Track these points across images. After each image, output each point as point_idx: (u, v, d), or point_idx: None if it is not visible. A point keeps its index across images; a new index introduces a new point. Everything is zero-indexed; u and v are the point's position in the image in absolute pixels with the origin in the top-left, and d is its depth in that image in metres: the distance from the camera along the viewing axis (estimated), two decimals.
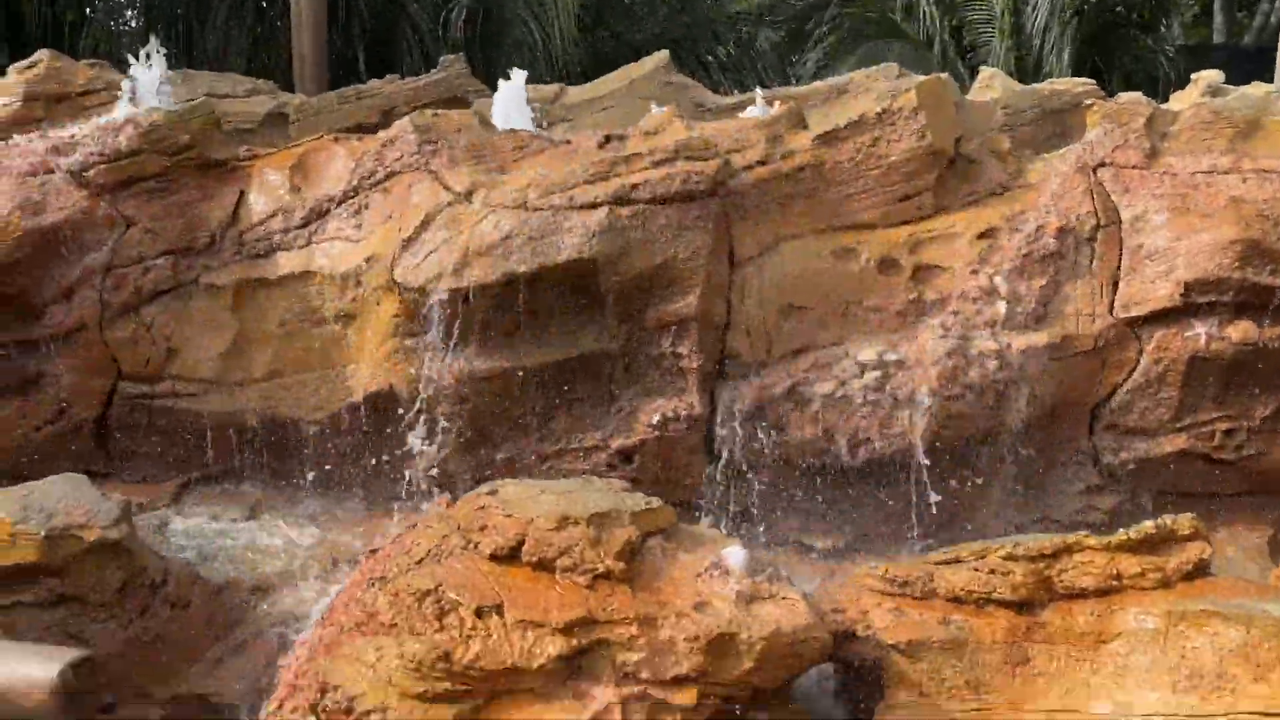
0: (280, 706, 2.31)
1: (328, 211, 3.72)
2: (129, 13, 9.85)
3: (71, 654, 0.78)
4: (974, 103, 4.42)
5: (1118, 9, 8.96)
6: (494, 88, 4.47)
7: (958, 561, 2.69)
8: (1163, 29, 10.29)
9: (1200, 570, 2.53)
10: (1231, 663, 2.29)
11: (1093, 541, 2.56)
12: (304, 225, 3.74)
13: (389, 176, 3.73)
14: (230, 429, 3.74)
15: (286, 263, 3.70)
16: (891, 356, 3.43)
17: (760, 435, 3.54)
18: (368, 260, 3.56)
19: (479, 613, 2.40)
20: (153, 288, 3.69)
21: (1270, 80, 6.85)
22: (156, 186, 3.74)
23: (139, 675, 2.90)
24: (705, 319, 3.49)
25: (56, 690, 0.80)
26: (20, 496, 2.91)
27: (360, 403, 3.65)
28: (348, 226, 3.70)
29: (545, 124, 4.70)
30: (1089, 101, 3.85)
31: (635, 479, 3.53)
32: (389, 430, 3.70)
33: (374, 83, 5.44)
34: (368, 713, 2.16)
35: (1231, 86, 5.27)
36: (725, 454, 3.58)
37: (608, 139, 3.78)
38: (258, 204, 3.80)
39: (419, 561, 2.57)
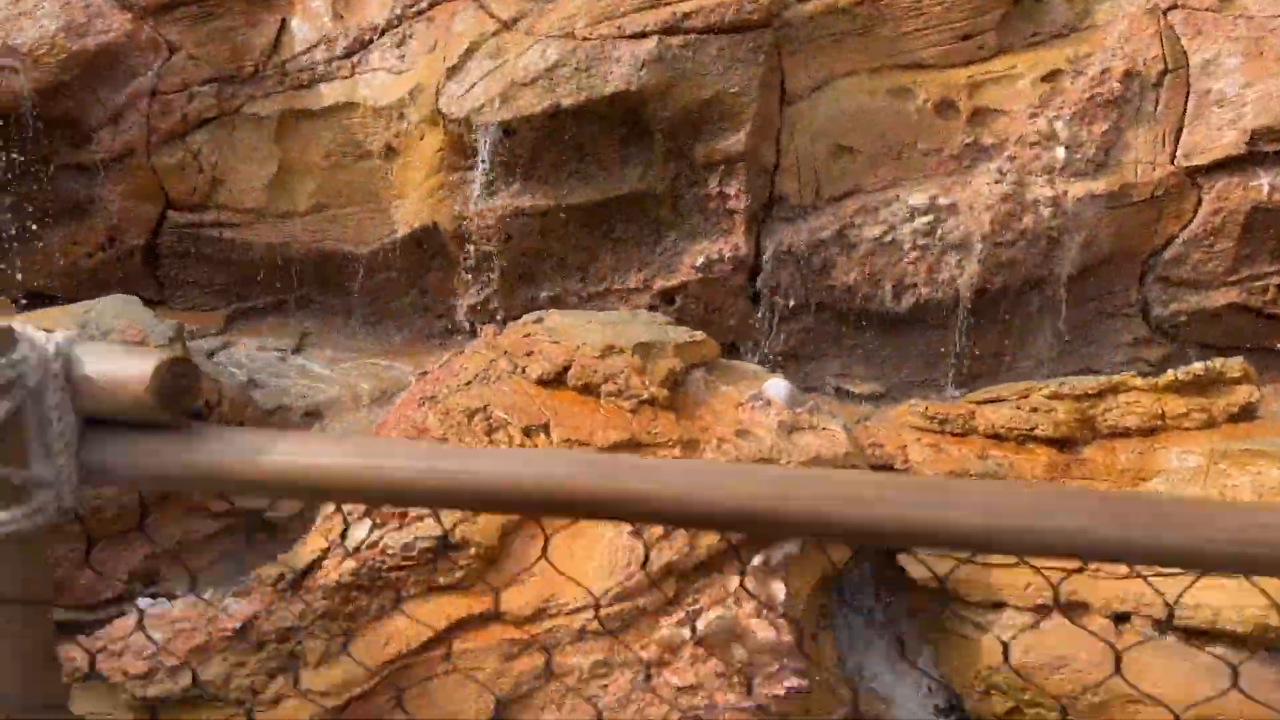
0: (335, 509, 2.39)
1: (371, 41, 3.65)
2: None
3: (167, 354, 0.81)
4: None
5: None
6: None
7: (999, 400, 2.70)
8: None
9: (1247, 413, 2.52)
10: (1272, 499, 2.31)
11: (1139, 382, 2.55)
12: (347, 55, 3.68)
13: (433, 5, 3.64)
14: (277, 261, 3.78)
15: (329, 94, 3.65)
16: (944, 201, 3.36)
17: (805, 279, 3.53)
18: (411, 92, 3.51)
19: (527, 431, 2.45)
20: (198, 115, 3.67)
21: None
22: (199, 11, 3.68)
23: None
24: (754, 158, 3.43)
25: (150, 386, 0.83)
26: (80, 314, 2.97)
27: (405, 238, 3.65)
28: (391, 57, 3.64)
29: None
30: None
31: (678, 320, 3.55)
32: (434, 266, 3.72)
33: None
34: (421, 517, 2.23)
35: None
36: (768, 297, 3.59)
37: None
38: (300, 32, 3.74)
39: (467, 384, 2.62)
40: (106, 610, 2.31)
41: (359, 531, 2.18)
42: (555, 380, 2.57)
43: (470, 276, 3.66)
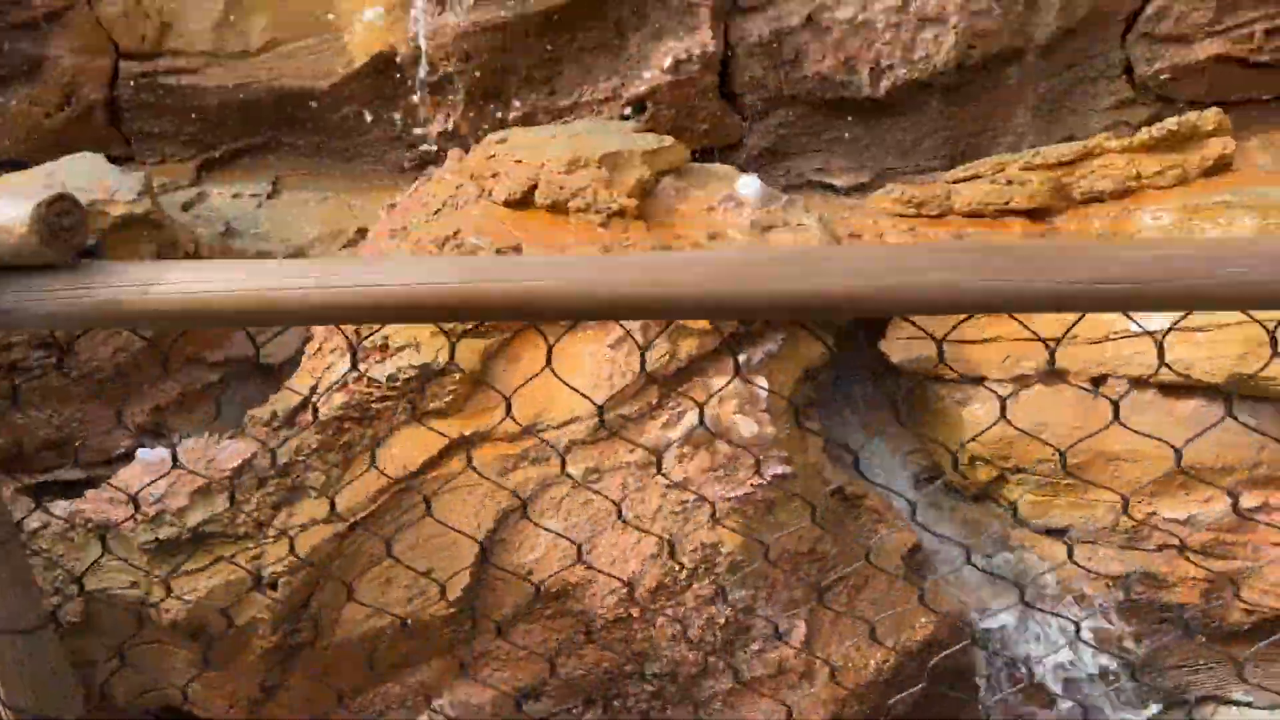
0: (319, 349, 2.43)
1: None
2: None
3: (48, 193, 0.82)
4: None
5: None
6: None
7: (976, 178, 2.66)
8: None
9: (1221, 166, 2.48)
10: None
11: (1113, 144, 2.50)
12: None
13: None
14: (239, 104, 3.69)
15: None
16: None
17: (778, 71, 3.43)
18: None
19: (499, 253, 2.45)
20: None
21: None
22: None
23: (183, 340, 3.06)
24: None
25: (31, 228, 0.84)
26: (43, 176, 2.95)
27: (363, 68, 3.55)
28: None
29: None
30: None
31: (650, 128, 3.48)
32: (398, 94, 3.63)
33: None
34: (401, 348, 2.27)
35: None
36: (742, 94, 3.50)
37: None
38: None
39: (436, 212, 2.60)
40: (114, 469, 2.40)
41: (342, 367, 2.23)
42: (523, 200, 2.55)
43: (435, 101, 3.57)
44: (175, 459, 1.90)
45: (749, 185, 2.60)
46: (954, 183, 2.67)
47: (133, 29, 3.55)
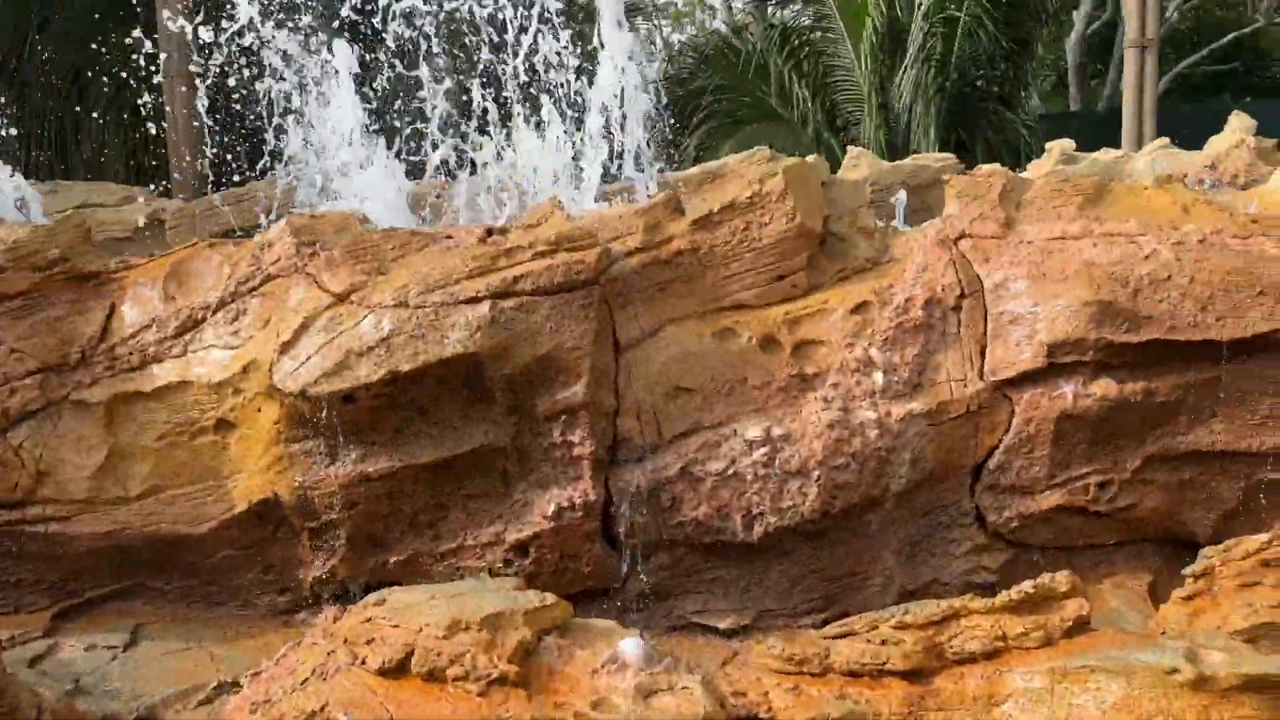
0: None
1: (203, 320, 3.65)
2: (1, 120, 9.60)
3: None
4: (842, 181, 4.61)
5: (978, 84, 9.49)
6: None
7: (852, 634, 2.72)
8: (1022, 99, 10.91)
9: (1080, 626, 2.60)
10: (1115, 716, 2.36)
11: (977, 605, 2.62)
12: (179, 335, 3.66)
13: (266, 281, 3.69)
14: (108, 550, 3.59)
15: (162, 374, 3.60)
16: (778, 432, 3.49)
17: (656, 518, 3.56)
18: (246, 367, 3.49)
19: None
20: (21, 408, 3.55)
21: (1118, 144, 7.33)
22: (23, 304, 3.63)
23: None
24: (594, 406, 3.51)
25: None
26: None
27: (244, 513, 3.54)
28: (225, 333, 3.64)
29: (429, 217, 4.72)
30: (946, 178, 4.04)
31: (533, 572, 3.51)
32: (276, 540, 3.60)
33: (253, 184, 5.39)
34: None
35: (1084, 154, 5.62)
36: (622, 539, 3.59)
37: (489, 232, 3.82)
38: (130, 315, 3.71)
39: (304, 681, 2.49)
40: None
41: None
42: (398, 668, 2.47)
43: (314, 545, 3.55)
44: None
45: (631, 648, 2.60)
46: (832, 638, 2.72)
47: (7, 478, 3.51)
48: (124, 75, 8.47)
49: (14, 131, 9.24)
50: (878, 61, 8.94)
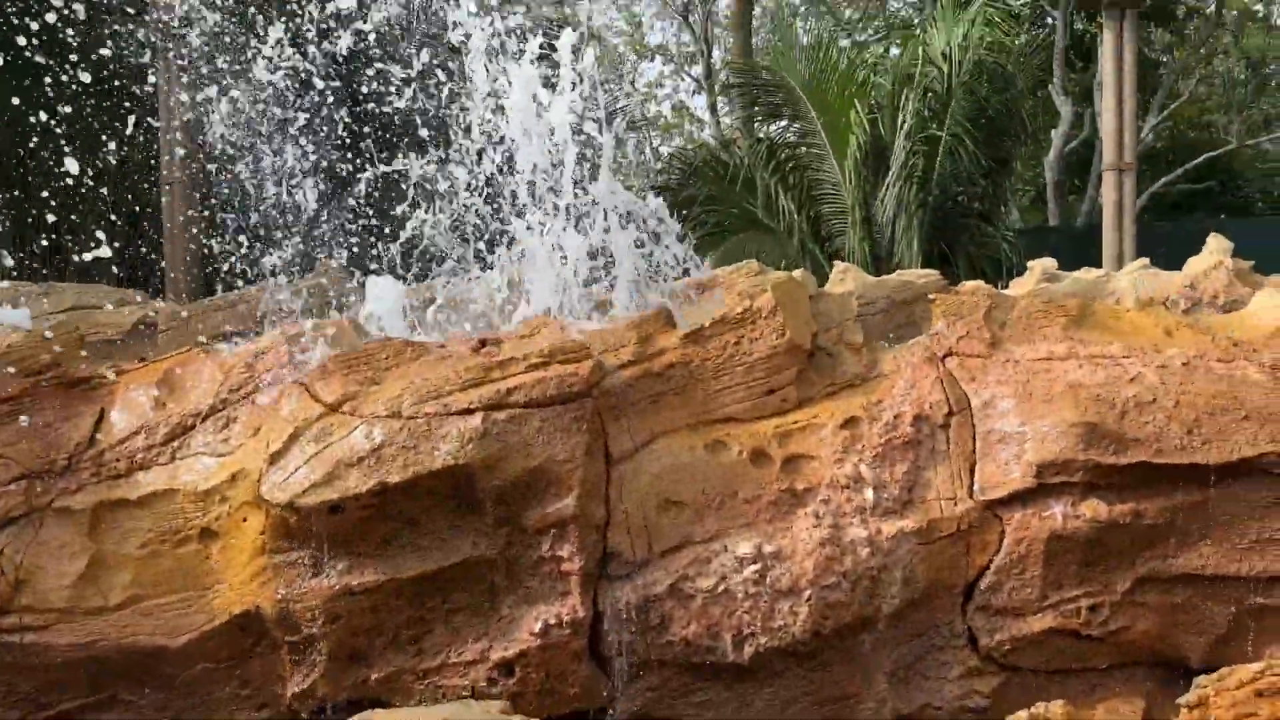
0: None
1: (193, 427, 3.64)
2: None
3: None
4: (829, 295, 4.69)
5: (959, 199, 9.74)
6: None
7: None
8: (1002, 214, 11.18)
9: None
10: None
11: None
12: (168, 441, 3.64)
13: (259, 389, 3.70)
14: (84, 661, 3.50)
15: (148, 481, 3.57)
16: (769, 549, 3.47)
17: (645, 635, 3.51)
18: (234, 476, 3.47)
19: None
20: (3, 515, 3.50)
21: (1099, 261, 7.50)
22: (12, 410, 3.62)
23: None
24: (585, 519, 3.49)
25: None
26: None
27: (225, 625, 3.48)
28: (214, 441, 3.63)
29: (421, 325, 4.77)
30: (932, 296, 4.11)
31: (518, 692, 3.44)
32: (256, 653, 3.52)
33: (247, 289, 5.43)
34: None
35: (1065, 273, 5.74)
36: (611, 656, 3.53)
37: (482, 343, 3.86)
38: (120, 422, 3.70)
39: None
40: None
41: None
42: None
43: (295, 662, 3.48)
44: None
45: None
46: None
47: None
48: (121, 177, 8.62)
49: (6, 226, 9.34)
50: (861, 177, 9.19)
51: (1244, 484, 3.50)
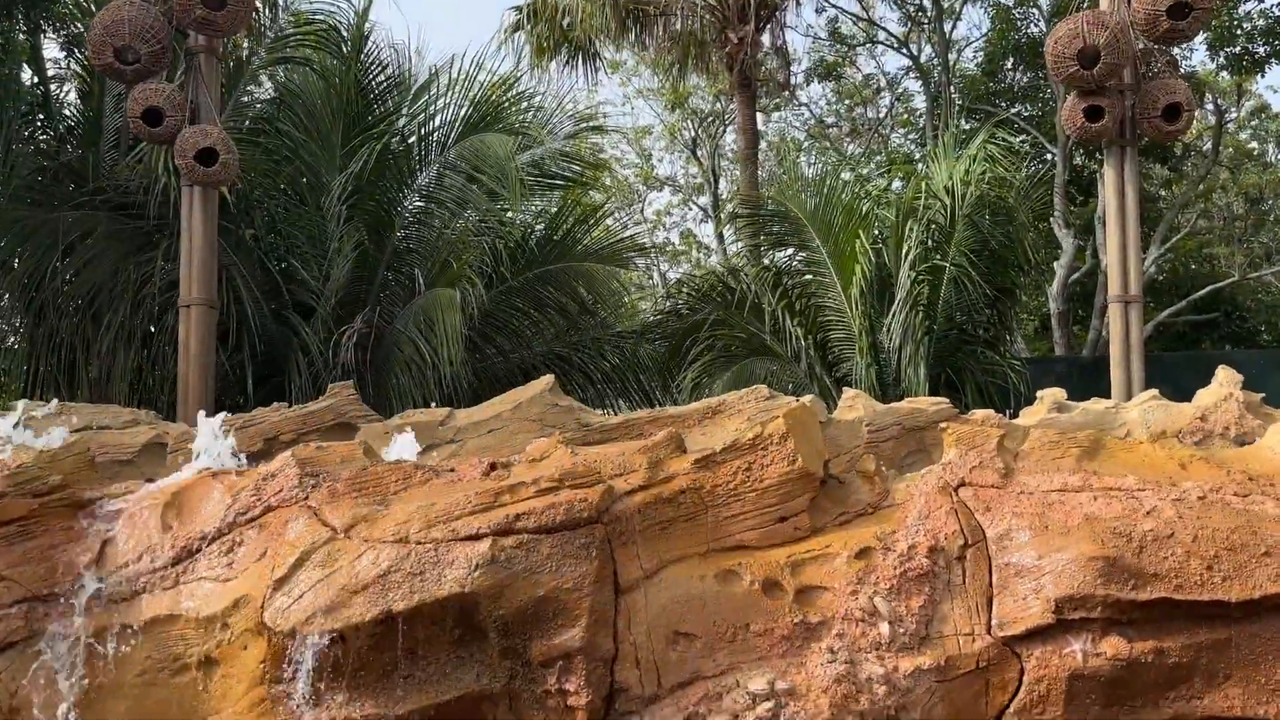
0: None
1: (198, 550, 3.61)
2: (11, 339, 9.79)
3: None
4: (840, 421, 4.69)
5: (964, 327, 9.80)
6: (383, 408, 4.55)
7: None
8: (1007, 342, 11.24)
9: None
10: None
11: None
12: (172, 565, 3.60)
13: (266, 512, 3.67)
14: None
15: (150, 606, 3.52)
16: (782, 685, 3.38)
17: None
18: (236, 602, 3.42)
19: None
20: (3, 639, 3.44)
21: (1106, 391, 7.49)
22: (19, 530, 3.59)
23: None
24: (592, 651, 3.41)
25: None
26: None
27: None
28: (219, 565, 3.58)
29: (432, 448, 4.76)
30: (943, 425, 4.10)
31: None
32: None
33: (259, 411, 5.44)
34: None
35: (1074, 403, 5.73)
36: None
37: (492, 467, 3.84)
38: (126, 544, 3.66)
39: None
40: None
41: None
42: None
43: None
44: None
45: None
46: None
47: None
48: (138, 300, 8.74)
49: (21, 346, 9.43)
50: (867, 305, 9.28)
51: (1266, 622, 3.41)
